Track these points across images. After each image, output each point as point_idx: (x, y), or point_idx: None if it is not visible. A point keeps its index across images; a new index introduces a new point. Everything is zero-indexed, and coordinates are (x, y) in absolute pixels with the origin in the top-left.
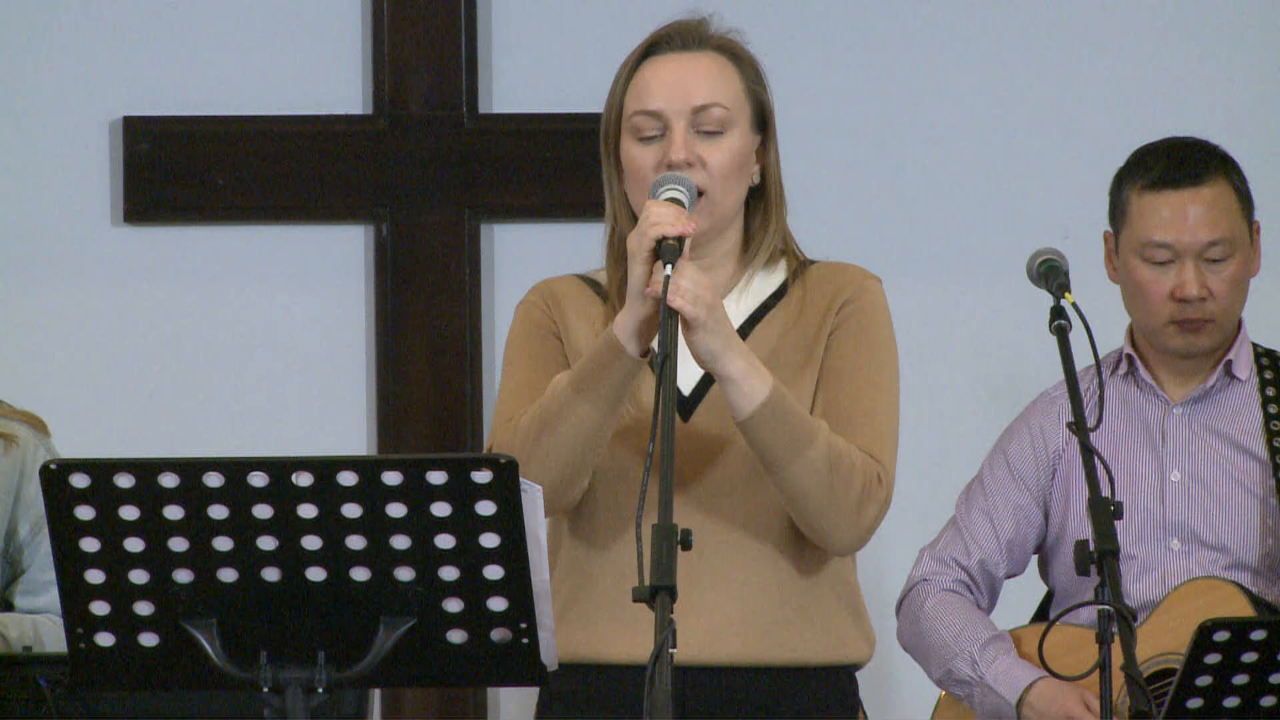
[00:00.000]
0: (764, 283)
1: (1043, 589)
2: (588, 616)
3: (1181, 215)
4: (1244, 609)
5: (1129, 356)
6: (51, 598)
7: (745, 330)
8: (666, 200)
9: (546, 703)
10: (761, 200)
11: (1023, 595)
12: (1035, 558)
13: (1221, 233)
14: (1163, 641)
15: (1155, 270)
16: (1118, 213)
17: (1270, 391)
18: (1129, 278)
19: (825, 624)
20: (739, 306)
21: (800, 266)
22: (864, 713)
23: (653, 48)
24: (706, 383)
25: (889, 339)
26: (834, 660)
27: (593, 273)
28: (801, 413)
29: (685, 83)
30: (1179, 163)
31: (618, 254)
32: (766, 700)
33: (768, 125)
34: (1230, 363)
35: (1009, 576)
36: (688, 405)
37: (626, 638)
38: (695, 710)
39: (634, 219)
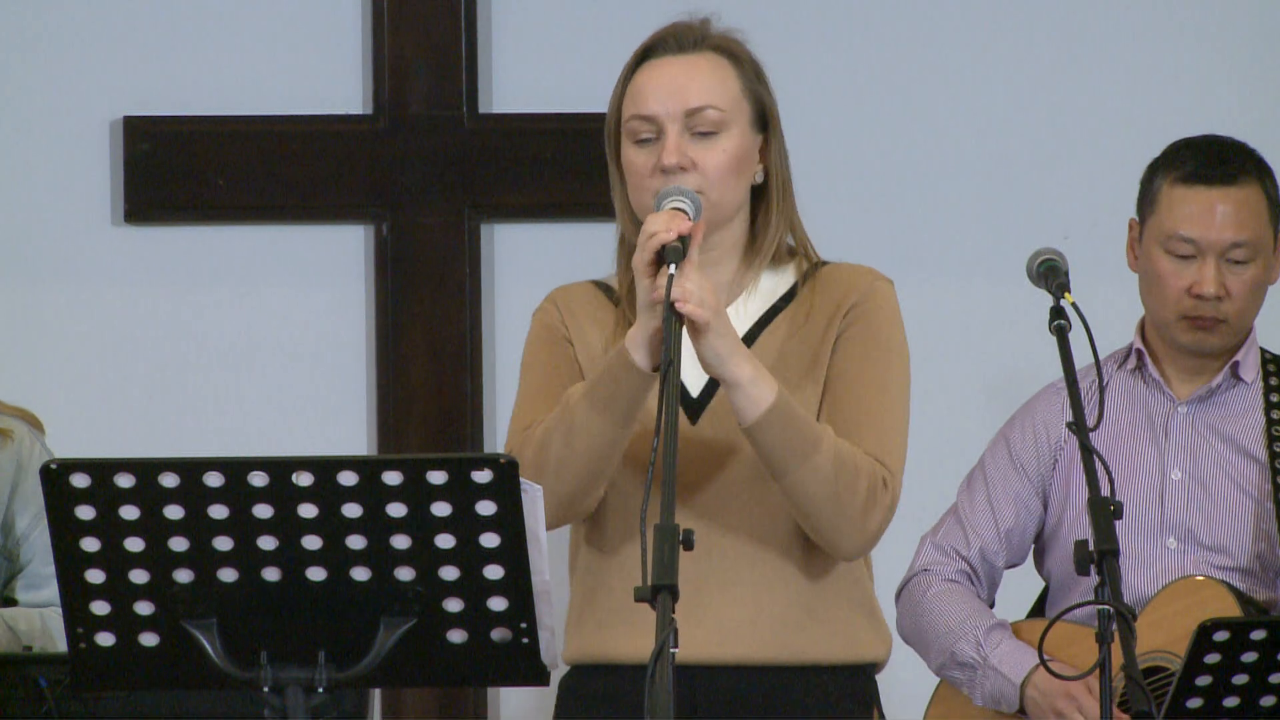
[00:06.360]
0: (773, 285)
1: (1040, 583)
2: (601, 618)
3: (1209, 212)
4: (1231, 608)
5: (1139, 351)
6: (54, 591)
7: (754, 333)
8: (669, 210)
9: (562, 702)
10: (765, 199)
11: (1021, 589)
12: (1033, 548)
13: (1246, 235)
14: (1151, 639)
15: (1176, 263)
16: (1147, 201)
17: (1275, 397)
18: (1149, 267)
19: (836, 624)
20: (747, 308)
21: (812, 268)
22: (880, 712)
23: (650, 50)
24: (714, 385)
25: (898, 341)
26: (846, 659)
27: (607, 278)
28: (807, 418)
29: (679, 86)
30: (1214, 160)
31: (627, 258)
32: (777, 699)
33: (769, 124)
34: (1237, 364)
35: (1009, 567)
36: (695, 407)
37: (638, 638)
38: (707, 710)
39: (636, 222)
